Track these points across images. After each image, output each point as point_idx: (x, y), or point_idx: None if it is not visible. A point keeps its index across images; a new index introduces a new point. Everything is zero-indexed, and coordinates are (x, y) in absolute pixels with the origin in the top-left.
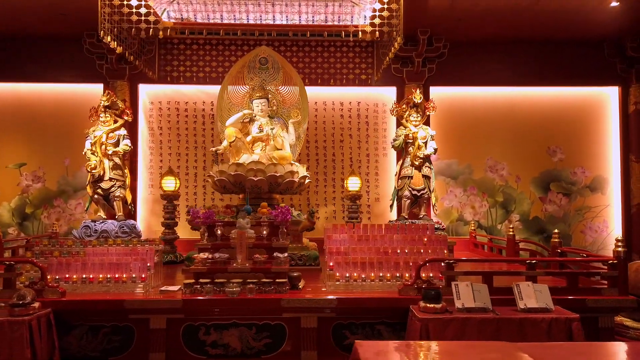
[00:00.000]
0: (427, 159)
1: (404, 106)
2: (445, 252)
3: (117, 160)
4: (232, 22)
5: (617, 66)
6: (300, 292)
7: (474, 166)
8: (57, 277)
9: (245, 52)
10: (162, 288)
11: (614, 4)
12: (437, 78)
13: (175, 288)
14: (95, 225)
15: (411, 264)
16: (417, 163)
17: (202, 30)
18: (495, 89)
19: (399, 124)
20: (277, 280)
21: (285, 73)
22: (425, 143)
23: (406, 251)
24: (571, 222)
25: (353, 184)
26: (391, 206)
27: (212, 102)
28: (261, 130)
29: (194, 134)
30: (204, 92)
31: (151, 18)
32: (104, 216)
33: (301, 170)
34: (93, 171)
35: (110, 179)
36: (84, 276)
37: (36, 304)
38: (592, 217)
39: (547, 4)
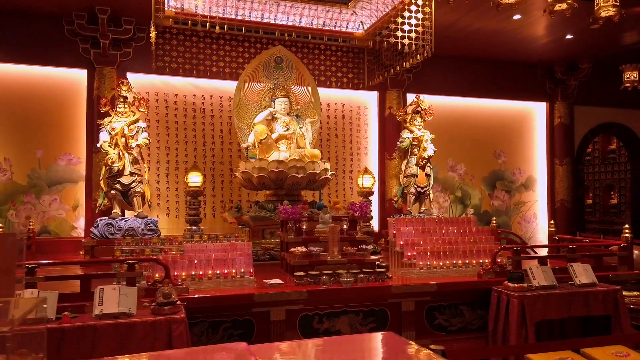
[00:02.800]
0: (428, 159)
1: (409, 111)
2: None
3: (135, 154)
4: (234, 17)
5: (546, 85)
6: (391, 279)
7: (439, 166)
8: (143, 272)
9: (246, 49)
10: (271, 281)
11: (568, 36)
12: (412, 86)
13: (277, 281)
14: (118, 222)
15: (474, 251)
16: (422, 163)
17: (202, 22)
18: (456, 99)
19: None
20: (376, 270)
21: (299, 73)
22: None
23: (465, 240)
24: (511, 214)
25: (367, 181)
26: (396, 202)
27: (202, 95)
28: (288, 129)
29: (184, 127)
30: (194, 86)
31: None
32: (119, 213)
33: (329, 168)
34: (114, 165)
35: (131, 174)
36: (192, 273)
37: (179, 302)
38: (526, 210)
39: (522, 31)
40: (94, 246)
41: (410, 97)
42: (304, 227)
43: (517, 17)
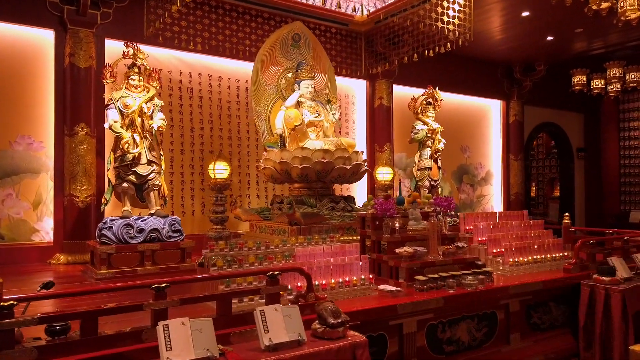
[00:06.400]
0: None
1: (423, 102)
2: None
3: (150, 137)
4: None
5: (504, 85)
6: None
7: None
8: (288, 286)
9: (246, 22)
10: (386, 288)
11: (549, 38)
12: (399, 77)
13: (388, 287)
14: (138, 223)
15: (546, 246)
16: (436, 156)
17: None
18: None
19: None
20: (484, 269)
21: (316, 54)
22: None
23: (530, 234)
24: (475, 207)
25: (387, 174)
26: (409, 195)
27: (190, 72)
28: (318, 114)
29: (169, 109)
30: (180, 60)
31: None
32: (129, 210)
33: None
34: (133, 151)
35: (149, 163)
36: (316, 283)
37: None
38: (485, 203)
39: (501, 32)
40: (112, 253)
41: (397, 89)
42: (397, 224)
43: (525, 14)
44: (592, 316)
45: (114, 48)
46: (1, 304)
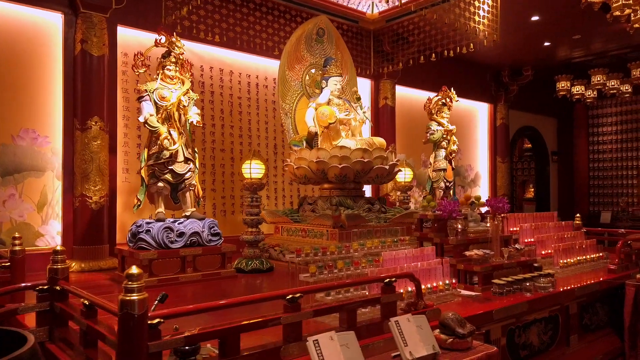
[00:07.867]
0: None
1: (438, 102)
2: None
3: (185, 133)
4: None
5: (492, 88)
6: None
7: (415, 161)
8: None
9: (264, 15)
10: (464, 292)
11: (546, 43)
12: (401, 78)
13: (471, 292)
14: (176, 226)
15: (584, 246)
16: (451, 157)
17: None
18: (428, 94)
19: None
20: (546, 271)
21: (339, 51)
22: None
23: (567, 236)
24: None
25: (408, 175)
26: (425, 197)
27: (201, 66)
28: (348, 113)
29: None
30: (193, 53)
31: None
32: (164, 212)
33: None
34: (170, 148)
35: (186, 160)
36: (409, 289)
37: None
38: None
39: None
40: (153, 259)
41: (400, 89)
42: (459, 226)
43: (535, 18)
44: (637, 315)
45: (126, 36)
46: (149, 322)
